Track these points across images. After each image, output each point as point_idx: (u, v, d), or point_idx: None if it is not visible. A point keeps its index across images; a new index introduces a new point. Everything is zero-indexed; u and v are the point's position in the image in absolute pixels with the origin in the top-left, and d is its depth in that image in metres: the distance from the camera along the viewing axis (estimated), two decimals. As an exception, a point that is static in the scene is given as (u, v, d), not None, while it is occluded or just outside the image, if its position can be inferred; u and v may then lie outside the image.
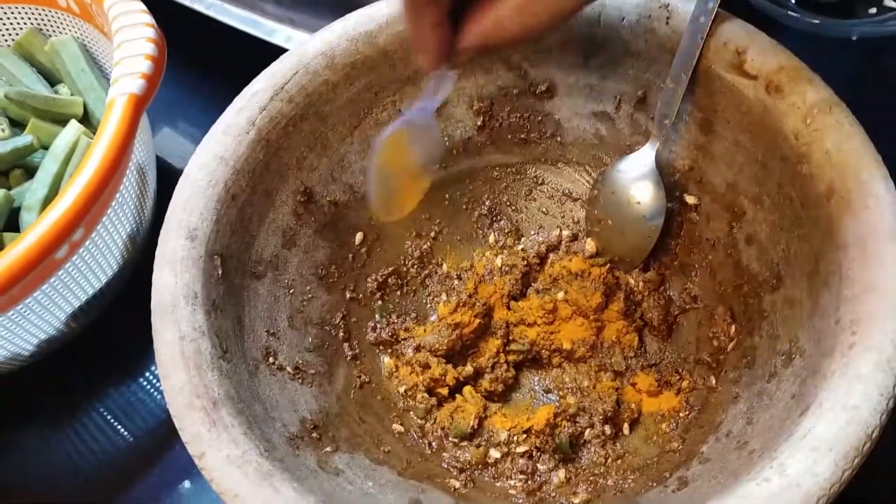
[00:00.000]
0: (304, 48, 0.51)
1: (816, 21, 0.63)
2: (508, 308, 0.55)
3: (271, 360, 0.47)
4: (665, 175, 0.54)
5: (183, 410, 0.40)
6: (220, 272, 0.46)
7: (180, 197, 0.47)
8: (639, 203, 0.53)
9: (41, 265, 0.48)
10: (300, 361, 0.49)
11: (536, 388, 0.54)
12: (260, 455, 0.39)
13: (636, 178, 0.53)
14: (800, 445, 0.36)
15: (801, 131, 0.45)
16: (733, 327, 0.50)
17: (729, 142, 0.50)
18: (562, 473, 0.48)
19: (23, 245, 0.47)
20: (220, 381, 0.41)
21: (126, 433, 0.59)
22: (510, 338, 0.54)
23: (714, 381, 0.49)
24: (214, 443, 0.39)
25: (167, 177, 0.65)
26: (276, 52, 0.53)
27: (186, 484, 0.56)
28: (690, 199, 0.53)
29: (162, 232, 0.46)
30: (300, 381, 0.48)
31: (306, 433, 0.45)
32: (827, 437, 0.36)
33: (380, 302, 0.56)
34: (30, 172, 0.63)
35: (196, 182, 0.47)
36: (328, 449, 0.45)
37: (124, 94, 0.53)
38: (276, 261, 0.51)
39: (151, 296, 0.44)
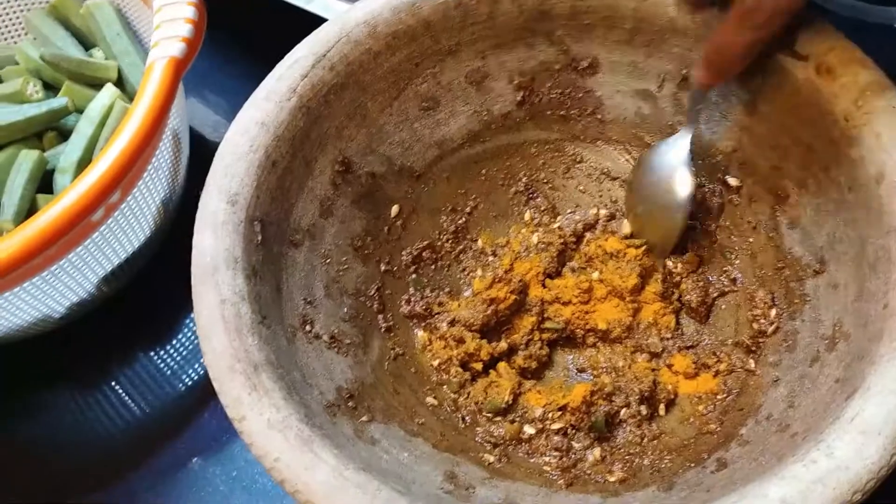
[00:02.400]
0: (347, 16, 0.51)
1: (859, 6, 0.62)
2: (544, 286, 0.55)
3: (308, 328, 0.47)
4: (707, 156, 0.53)
5: (223, 374, 0.40)
6: (259, 238, 0.46)
7: (221, 161, 0.46)
8: (670, 192, 0.52)
9: (78, 226, 0.48)
10: (336, 331, 0.49)
11: (570, 366, 0.54)
12: (300, 420, 0.39)
13: (671, 167, 0.52)
14: (847, 428, 0.36)
15: (851, 113, 0.44)
16: (774, 311, 0.49)
17: (775, 123, 0.49)
18: (597, 452, 0.48)
19: (62, 204, 0.47)
20: (259, 346, 0.41)
21: (154, 399, 0.59)
22: (545, 315, 0.54)
23: (753, 365, 0.49)
24: (255, 406, 0.39)
25: (194, 147, 0.65)
26: (309, 22, 0.53)
27: (214, 451, 0.56)
28: (732, 182, 0.52)
29: (203, 195, 0.46)
30: (336, 350, 0.48)
31: (342, 402, 0.45)
32: (876, 420, 0.36)
33: (414, 275, 0.56)
34: (63, 135, 0.63)
35: (237, 147, 0.47)
36: (364, 418, 0.45)
37: (164, 57, 0.52)
38: (313, 230, 0.50)
39: (192, 258, 0.44)
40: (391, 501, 0.36)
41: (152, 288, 0.62)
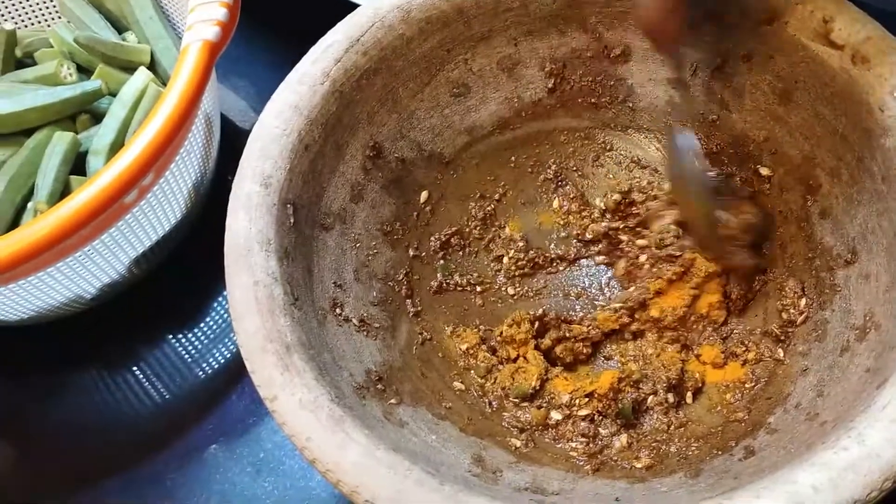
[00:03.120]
0: (381, 1, 0.51)
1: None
2: None
3: (338, 311, 0.48)
4: (739, 146, 0.53)
5: (256, 354, 0.40)
6: (291, 221, 0.46)
7: (255, 144, 0.47)
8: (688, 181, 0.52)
9: (111, 208, 0.49)
10: (365, 315, 0.49)
11: (597, 354, 0.54)
12: (331, 401, 0.39)
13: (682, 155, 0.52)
14: (879, 416, 0.36)
15: (887, 104, 0.44)
16: (803, 301, 0.49)
17: (808, 113, 0.49)
18: (624, 438, 0.48)
19: (96, 186, 0.48)
20: (292, 327, 0.42)
21: (182, 381, 0.60)
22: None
23: (782, 354, 0.49)
24: (287, 386, 0.39)
25: (224, 132, 0.66)
26: (341, 10, 0.53)
27: (241, 433, 0.57)
28: (764, 171, 0.52)
29: (236, 177, 0.46)
30: (365, 333, 0.48)
31: (371, 384, 0.45)
32: (908, 409, 0.36)
33: (442, 261, 0.56)
34: (96, 118, 0.63)
35: (271, 130, 0.47)
36: (392, 401, 0.45)
37: (199, 41, 0.52)
38: (343, 214, 0.51)
39: (225, 239, 0.44)
40: (422, 482, 0.37)
41: (182, 271, 0.63)
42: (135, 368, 0.61)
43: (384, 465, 0.37)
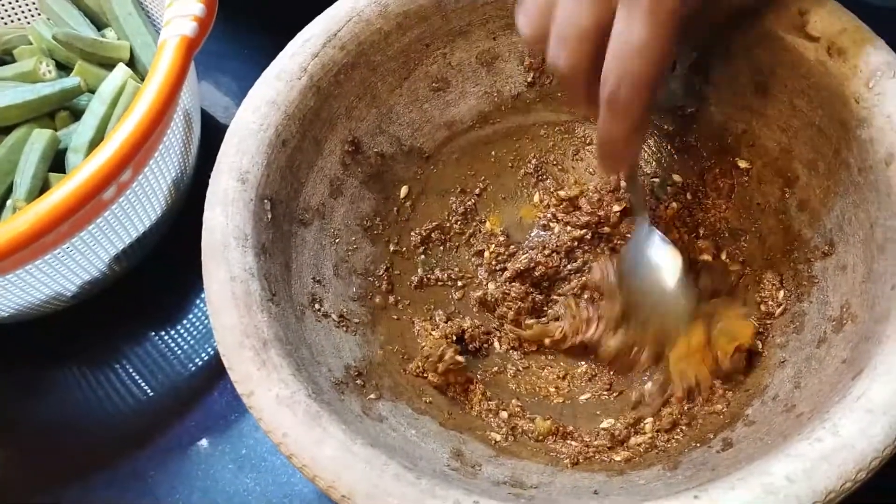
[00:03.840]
0: (359, -5, 0.51)
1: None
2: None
3: (317, 306, 0.47)
4: (717, 138, 0.53)
5: (233, 349, 0.40)
6: (269, 216, 0.46)
7: (232, 139, 0.47)
8: (662, 281, 0.50)
9: (89, 204, 0.49)
10: (345, 310, 0.49)
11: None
12: (308, 396, 0.39)
13: (650, 259, 0.50)
14: (853, 407, 0.36)
15: (862, 95, 0.44)
16: (782, 293, 0.49)
17: (785, 105, 0.49)
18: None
19: (73, 182, 0.48)
20: (269, 323, 0.42)
21: (163, 377, 0.60)
22: None
23: (760, 346, 0.49)
24: (264, 382, 0.39)
25: (205, 129, 0.65)
26: (318, 5, 0.52)
27: (223, 430, 0.57)
28: (742, 163, 0.52)
29: (213, 173, 0.46)
30: (344, 328, 0.48)
31: (350, 379, 0.45)
32: (881, 399, 0.36)
33: (423, 256, 0.56)
34: (75, 115, 0.63)
35: (248, 125, 0.47)
36: (372, 396, 0.45)
37: (176, 36, 0.52)
38: (322, 209, 0.51)
39: (202, 235, 0.44)
40: (398, 477, 0.36)
41: (163, 267, 0.63)
42: (116, 365, 0.60)
43: (361, 460, 0.37)
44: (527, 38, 0.42)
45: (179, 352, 0.61)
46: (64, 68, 0.66)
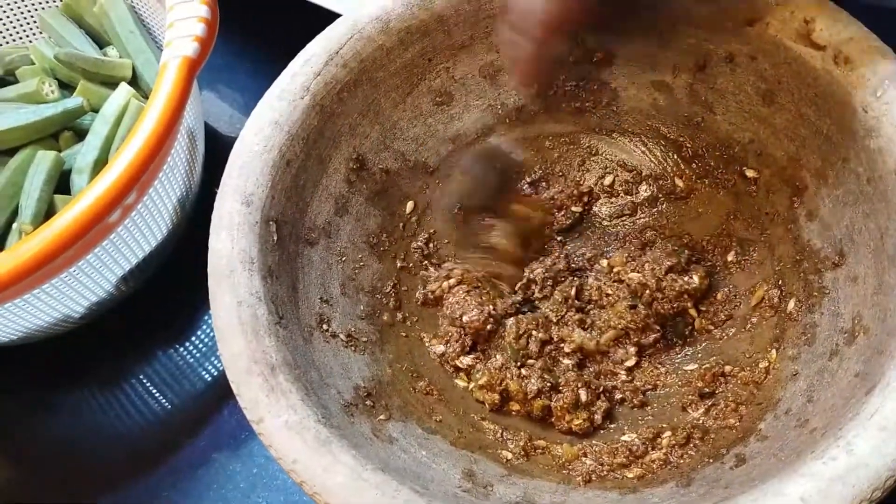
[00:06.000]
0: (359, 12, 0.51)
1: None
2: None
3: (325, 326, 0.47)
4: (724, 147, 0.53)
5: (241, 376, 0.40)
6: (275, 238, 0.46)
7: (236, 162, 0.47)
8: None
9: (95, 228, 0.48)
10: (352, 329, 0.49)
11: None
12: (318, 422, 0.39)
13: None
14: (867, 425, 0.36)
15: (870, 104, 0.44)
16: (792, 303, 0.49)
17: (792, 114, 0.49)
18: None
19: (78, 207, 0.47)
20: (277, 347, 0.41)
21: (173, 397, 0.60)
22: None
23: (775, 355, 0.48)
24: (273, 408, 0.39)
25: (210, 142, 0.65)
26: (321, 17, 0.52)
27: (234, 449, 0.57)
28: (750, 173, 0.52)
29: (218, 196, 0.46)
30: (353, 348, 0.48)
31: (360, 401, 0.45)
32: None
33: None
34: (79, 135, 0.63)
35: (251, 147, 0.47)
36: (381, 417, 0.45)
37: (178, 57, 0.52)
38: (328, 228, 0.51)
39: (208, 260, 0.44)
40: (410, 502, 0.36)
41: (170, 286, 0.63)
42: (126, 385, 0.60)
43: (371, 486, 0.37)
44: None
45: (188, 370, 0.60)
46: (67, 87, 0.66)
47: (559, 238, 0.57)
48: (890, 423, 0.35)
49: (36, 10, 0.70)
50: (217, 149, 0.66)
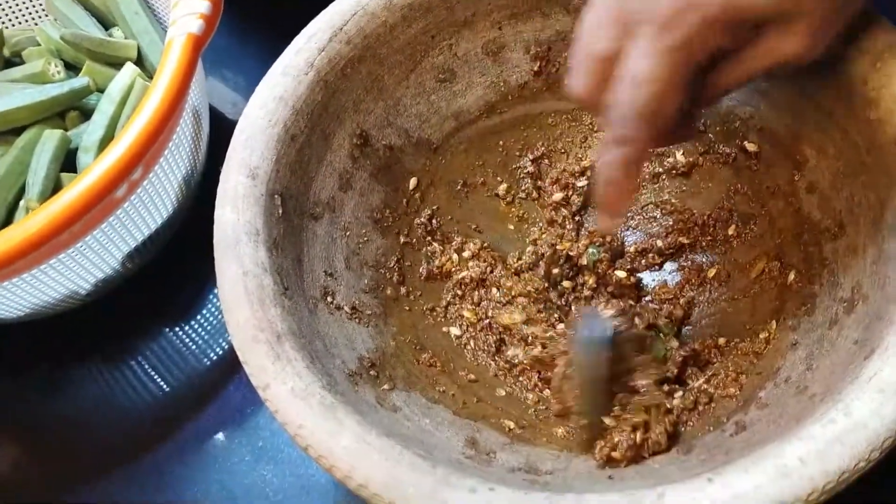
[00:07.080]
0: (363, -11, 0.51)
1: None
2: None
3: (329, 299, 0.48)
4: (725, 122, 0.53)
5: (247, 344, 0.41)
6: (280, 211, 0.46)
7: (241, 136, 0.47)
8: None
9: (101, 203, 0.49)
10: (357, 302, 0.50)
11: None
12: (323, 388, 0.39)
13: None
14: (865, 388, 0.36)
15: (870, 76, 0.44)
16: (792, 275, 0.49)
17: (793, 88, 0.49)
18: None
19: (85, 181, 0.48)
20: (282, 317, 0.42)
21: (179, 373, 0.60)
22: None
23: (775, 326, 0.49)
24: (279, 375, 0.39)
25: (215, 126, 0.66)
26: (327, 2, 0.53)
27: (239, 423, 0.57)
28: (751, 147, 0.52)
29: (223, 170, 0.46)
30: (357, 320, 0.49)
31: (364, 371, 0.46)
32: (894, 379, 0.36)
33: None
34: (85, 115, 0.64)
35: (256, 121, 0.47)
36: (385, 387, 0.46)
37: (183, 34, 0.53)
38: (332, 203, 0.51)
39: (214, 232, 0.44)
40: (414, 466, 0.37)
41: (176, 264, 0.63)
42: (132, 362, 0.61)
43: (376, 450, 0.37)
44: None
45: (194, 347, 0.61)
46: (72, 68, 0.66)
47: (576, 218, 0.57)
48: (888, 385, 0.36)
49: (42, -8, 0.71)
50: (222, 132, 0.66)
